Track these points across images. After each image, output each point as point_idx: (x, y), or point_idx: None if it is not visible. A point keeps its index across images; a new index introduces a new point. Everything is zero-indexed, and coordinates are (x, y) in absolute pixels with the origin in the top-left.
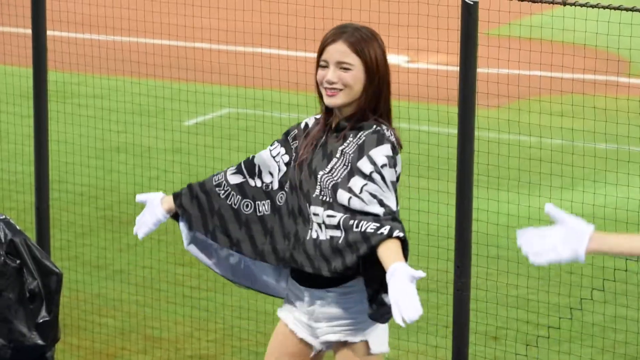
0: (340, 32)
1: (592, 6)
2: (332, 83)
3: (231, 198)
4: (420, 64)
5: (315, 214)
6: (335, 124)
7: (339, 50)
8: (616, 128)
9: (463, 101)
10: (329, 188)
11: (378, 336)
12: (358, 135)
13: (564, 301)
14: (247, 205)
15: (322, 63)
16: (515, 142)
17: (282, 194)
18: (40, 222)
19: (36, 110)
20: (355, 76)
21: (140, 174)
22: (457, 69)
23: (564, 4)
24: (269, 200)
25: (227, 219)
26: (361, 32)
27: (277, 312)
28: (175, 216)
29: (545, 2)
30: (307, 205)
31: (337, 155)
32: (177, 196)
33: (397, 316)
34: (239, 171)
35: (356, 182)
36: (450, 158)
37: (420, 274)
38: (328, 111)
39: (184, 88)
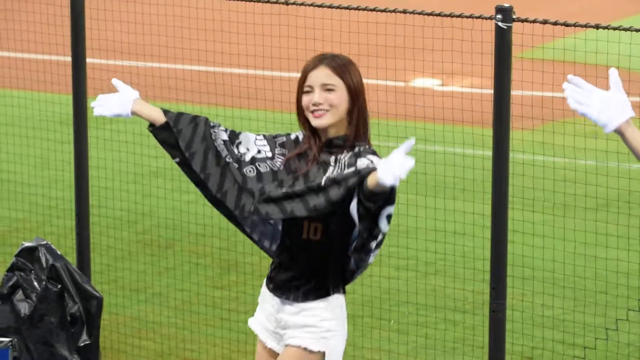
0: (321, 59)
1: (625, 29)
2: (318, 105)
3: (217, 141)
4: (454, 87)
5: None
6: (326, 141)
7: (323, 74)
8: None
9: (497, 123)
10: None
11: (334, 351)
12: (354, 150)
13: (599, 321)
14: (226, 156)
15: (306, 89)
16: (549, 164)
17: (252, 168)
18: (81, 248)
19: (76, 136)
20: (340, 97)
21: (177, 198)
22: (491, 92)
23: (597, 27)
24: (237, 165)
25: (210, 151)
26: (340, 58)
27: (248, 321)
28: (152, 127)
29: (578, 26)
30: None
31: (332, 163)
32: (168, 111)
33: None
34: (225, 132)
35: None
36: (484, 180)
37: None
38: (312, 134)
39: (219, 113)
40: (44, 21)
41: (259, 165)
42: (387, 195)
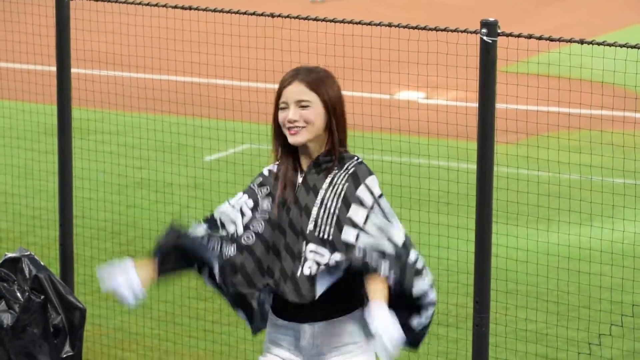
0: (295, 74)
1: (609, 44)
2: (294, 121)
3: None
4: (439, 100)
5: (312, 252)
6: (313, 160)
7: (297, 90)
8: (634, 164)
9: (482, 137)
10: (328, 224)
11: (371, 357)
12: (344, 167)
13: (582, 336)
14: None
15: (281, 105)
16: (533, 178)
17: (249, 235)
18: (65, 258)
19: (60, 146)
20: (316, 112)
21: (161, 209)
22: (475, 105)
23: (582, 42)
24: (235, 244)
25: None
26: (315, 72)
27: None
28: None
29: (562, 41)
30: (304, 243)
31: (324, 187)
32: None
33: (382, 346)
34: (202, 227)
35: (357, 212)
36: (468, 194)
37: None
38: (290, 152)
39: (204, 124)
40: (29, 31)
41: (253, 226)
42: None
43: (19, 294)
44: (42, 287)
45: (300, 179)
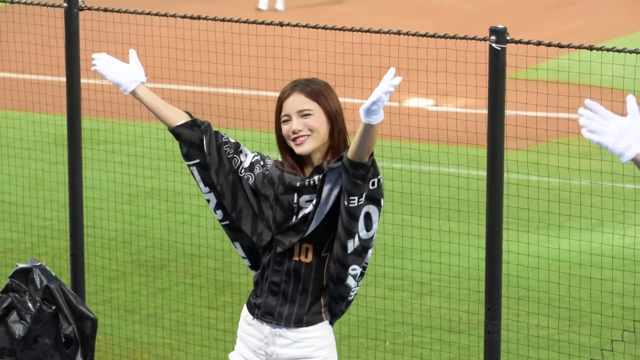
0: (294, 86)
1: (618, 51)
2: (298, 132)
3: (228, 154)
4: (448, 107)
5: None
6: (315, 167)
7: (297, 101)
8: None
9: (492, 144)
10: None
11: None
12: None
13: (594, 342)
14: (238, 169)
15: (284, 118)
16: (543, 185)
17: (250, 175)
18: (76, 268)
19: (70, 157)
20: (319, 120)
21: (172, 219)
22: (485, 112)
23: (591, 48)
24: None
25: (224, 164)
26: (314, 83)
27: (229, 356)
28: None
29: (571, 47)
30: (295, 194)
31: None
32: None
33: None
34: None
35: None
36: (479, 200)
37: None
38: (296, 164)
39: None
40: (38, 42)
41: (256, 168)
42: (369, 166)
43: (30, 305)
44: (53, 298)
45: (298, 183)
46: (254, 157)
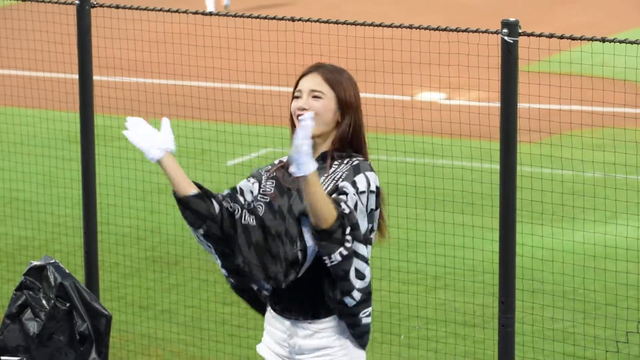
0: (317, 67)
1: (631, 42)
2: (302, 109)
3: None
4: (460, 100)
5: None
6: (319, 155)
7: (313, 81)
8: None
9: (504, 137)
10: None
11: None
12: (349, 161)
13: (609, 334)
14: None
15: (296, 94)
16: (556, 177)
17: (260, 204)
18: (89, 265)
19: (83, 154)
20: (326, 106)
21: None
22: (497, 105)
23: (603, 40)
24: (253, 216)
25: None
26: (337, 70)
27: (257, 348)
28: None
29: (583, 39)
30: (298, 227)
31: (327, 173)
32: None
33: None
34: (228, 195)
35: (347, 187)
36: (492, 194)
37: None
38: None
39: (226, 129)
40: (50, 39)
41: (256, 207)
42: (333, 230)
43: (44, 302)
44: (67, 295)
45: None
46: (245, 182)
